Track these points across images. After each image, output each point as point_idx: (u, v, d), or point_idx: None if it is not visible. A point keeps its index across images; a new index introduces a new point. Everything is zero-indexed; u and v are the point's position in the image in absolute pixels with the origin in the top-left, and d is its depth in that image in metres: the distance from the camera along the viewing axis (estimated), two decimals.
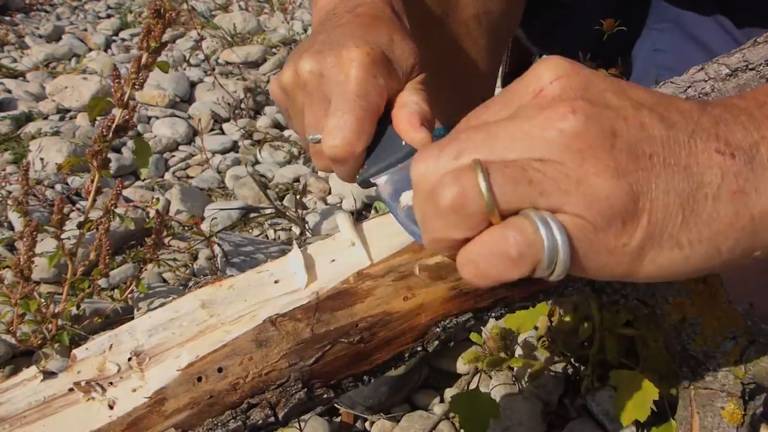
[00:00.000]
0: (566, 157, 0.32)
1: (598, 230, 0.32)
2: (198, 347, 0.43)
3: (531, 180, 0.32)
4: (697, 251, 0.34)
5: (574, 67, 0.35)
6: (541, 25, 1.09)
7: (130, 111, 0.90)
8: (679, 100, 0.35)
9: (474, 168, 0.32)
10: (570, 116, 0.32)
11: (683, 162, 0.33)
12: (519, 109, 0.35)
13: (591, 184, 0.32)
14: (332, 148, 0.48)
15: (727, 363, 0.58)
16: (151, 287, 1.18)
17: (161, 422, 0.41)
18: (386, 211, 0.51)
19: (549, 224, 0.32)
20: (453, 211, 0.33)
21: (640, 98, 0.34)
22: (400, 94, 0.52)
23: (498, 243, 0.32)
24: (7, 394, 0.42)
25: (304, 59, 0.51)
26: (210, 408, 0.42)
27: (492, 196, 0.32)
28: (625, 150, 0.32)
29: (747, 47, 0.51)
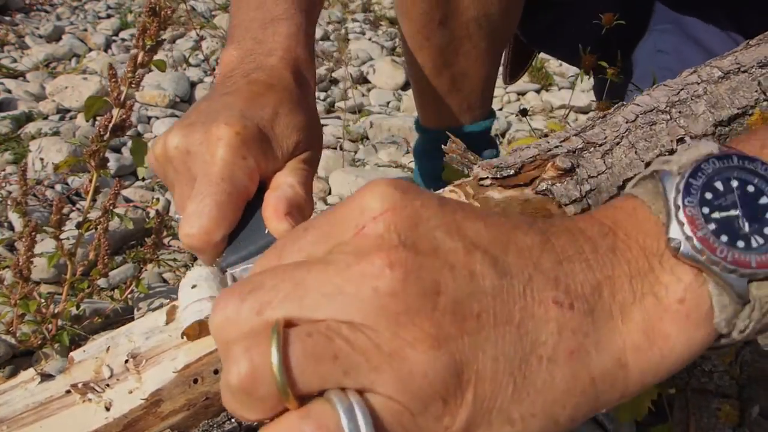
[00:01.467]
0: (381, 323, 0.27)
1: (415, 414, 0.27)
2: (194, 349, 0.43)
3: (336, 355, 0.27)
4: (531, 426, 0.29)
5: (404, 198, 0.29)
6: (540, 25, 1.09)
7: (128, 110, 0.91)
8: (521, 231, 0.31)
9: (270, 336, 0.27)
10: (386, 272, 0.27)
11: (516, 319, 0.28)
12: (336, 250, 0.29)
13: (406, 357, 0.26)
14: (188, 237, 0.44)
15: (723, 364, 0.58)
16: (151, 287, 1.18)
17: (157, 424, 0.41)
18: None
19: (355, 415, 0.26)
20: (241, 392, 0.27)
21: (476, 236, 0.29)
22: (276, 175, 0.49)
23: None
24: (4, 396, 0.43)
25: (173, 133, 0.47)
26: (206, 409, 0.42)
27: (287, 377, 0.26)
28: (449, 311, 0.27)
29: (740, 50, 0.52)
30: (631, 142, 0.50)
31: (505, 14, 0.95)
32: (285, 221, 0.45)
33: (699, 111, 0.49)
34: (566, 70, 2.28)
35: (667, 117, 0.50)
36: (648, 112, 0.51)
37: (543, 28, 1.10)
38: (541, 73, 2.22)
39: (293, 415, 0.27)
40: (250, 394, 0.27)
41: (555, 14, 1.05)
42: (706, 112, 0.50)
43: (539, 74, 2.21)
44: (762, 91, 0.49)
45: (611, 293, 0.30)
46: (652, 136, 0.50)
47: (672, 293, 0.30)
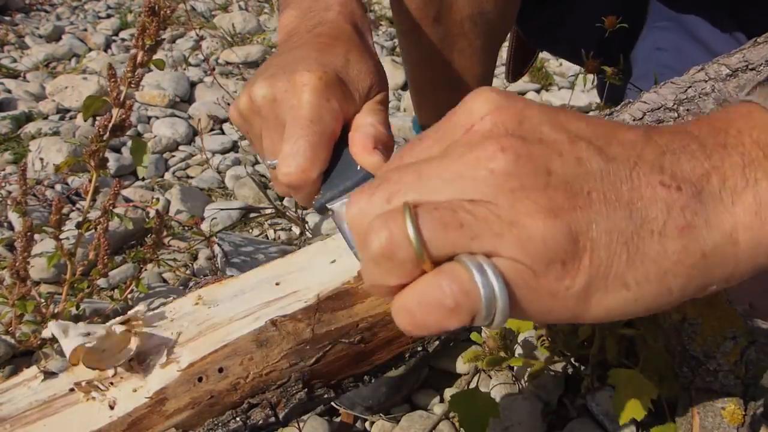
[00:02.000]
0: (499, 198, 0.30)
1: (537, 274, 0.30)
2: (198, 347, 0.43)
3: (462, 223, 0.30)
4: (645, 291, 0.32)
5: (507, 100, 0.33)
6: (540, 23, 1.09)
7: (127, 110, 0.90)
8: (622, 129, 0.33)
9: (402, 212, 0.30)
10: (499, 155, 0.30)
11: (625, 197, 0.31)
12: (450, 147, 0.33)
13: (525, 225, 0.30)
14: (287, 176, 0.47)
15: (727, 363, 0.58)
16: (151, 287, 1.18)
17: (162, 422, 0.41)
18: None
19: (485, 271, 0.30)
20: (383, 258, 0.31)
21: (578, 130, 0.32)
22: (356, 116, 0.52)
23: (432, 292, 0.30)
24: (8, 394, 0.42)
25: (258, 85, 0.51)
26: (210, 408, 0.42)
27: (421, 242, 0.30)
28: (560, 188, 0.30)
29: (747, 47, 0.51)
30: None
31: (501, 12, 0.95)
32: (375, 154, 0.48)
33: (707, 108, 0.49)
34: (566, 70, 2.28)
35: (674, 114, 0.50)
36: (655, 109, 0.50)
37: (542, 26, 1.09)
38: (541, 72, 2.22)
39: (431, 274, 0.31)
40: (391, 259, 0.31)
41: (554, 12, 1.05)
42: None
43: (539, 74, 2.21)
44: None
45: (721, 180, 0.32)
46: None
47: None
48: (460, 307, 0.30)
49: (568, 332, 0.87)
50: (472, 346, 0.98)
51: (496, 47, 1.07)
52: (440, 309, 0.30)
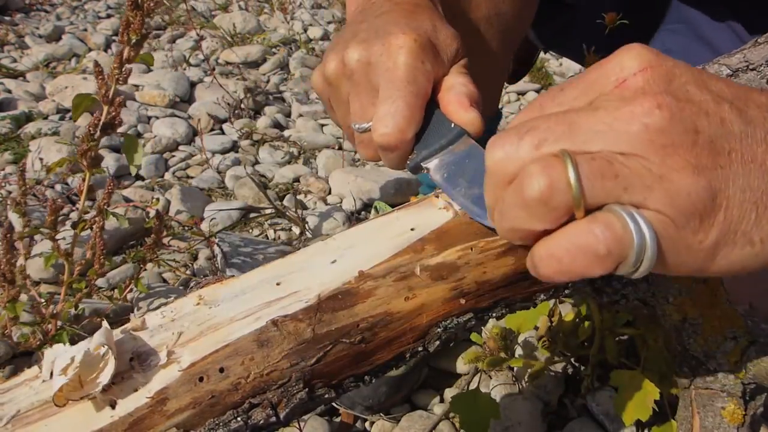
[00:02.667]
0: (650, 152, 0.32)
1: (678, 227, 0.32)
2: (199, 347, 0.43)
3: (617, 174, 0.32)
4: (767, 249, 0.34)
5: (657, 58, 0.35)
6: (553, 25, 1.08)
7: (117, 107, 0.90)
8: (755, 92, 0.35)
9: (563, 159, 0.32)
10: (656, 111, 0.32)
11: (759, 159, 0.33)
12: (600, 99, 0.34)
13: (673, 180, 0.32)
14: (384, 136, 0.48)
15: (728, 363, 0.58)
16: (151, 287, 1.18)
17: (163, 422, 0.41)
18: (387, 211, 0.51)
19: (637, 221, 0.32)
20: (539, 203, 0.32)
21: (721, 91, 0.34)
22: (445, 78, 0.52)
23: (585, 238, 0.32)
24: (8, 394, 0.42)
25: (351, 48, 0.51)
26: (211, 408, 0.42)
27: (580, 189, 0.32)
28: (706, 146, 0.32)
29: (748, 47, 0.51)
30: None
31: (518, 14, 0.95)
32: (472, 110, 0.49)
33: None
34: (566, 70, 2.28)
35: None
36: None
37: (557, 29, 1.09)
38: (541, 73, 2.22)
39: (583, 221, 0.32)
40: (546, 204, 0.32)
41: (569, 16, 1.05)
42: None
43: (539, 74, 2.21)
44: None
45: None
46: None
47: None
48: (610, 254, 0.32)
49: (568, 332, 0.87)
50: (473, 346, 0.98)
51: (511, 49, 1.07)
52: (590, 255, 0.32)
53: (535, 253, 0.34)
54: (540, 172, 0.32)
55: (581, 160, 0.32)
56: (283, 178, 1.61)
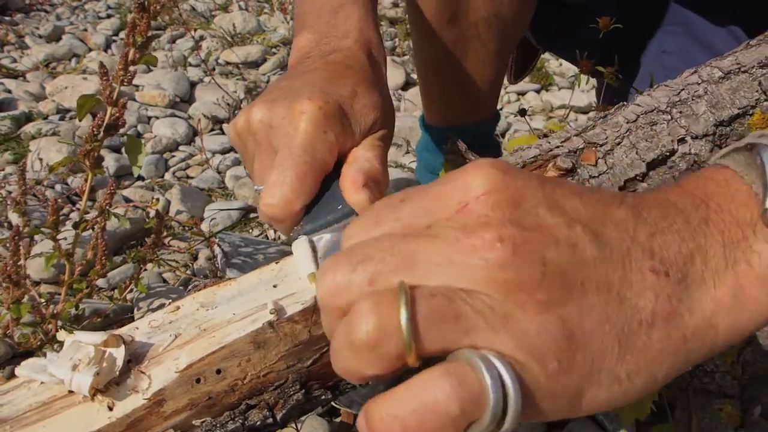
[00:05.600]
0: (492, 290, 0.28)
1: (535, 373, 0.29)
2: (196, 349, 0.43)
3: (458, 314, 0.28)
4: (635, 383, 0.31)
5: (505, 179, 0.31)
6: (551, 27, 1.09)
7: (120, 108, 0.90)
8: (614, 206, 0.33)
9: (398, 296, 0.28)
10: (497, 246, 0.29)
11: (616, 287, 0.30)
12: (439, 226, 0.31)
13: (519, 319, 0.28)
14: (268, 206, 0.46)
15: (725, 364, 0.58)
16: (151, 287, 1.18)
17: (160, 423, 0.41)
18: None
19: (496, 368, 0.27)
20: (367, 348, 0.29)
21: (575, 211, 0.31)
22: (353, 150, 0.50)
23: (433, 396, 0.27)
24: (7, 395, 0.43)
25: (257, 107, 0.49)
26: (208, 409, 0.42)
27: (414, 335, 0.28)
28: (555, 279, 0.29)
29: (740, 50, 0.52)
30: (632, 142, 0.50)
31: (516, 16, 0.95)
32: (363, 192, 0.47)
33: (700, 111, 0.50)
34: (566, 70, 2.28)
35: (668, 117, 0.50)
36: (649, 112, 0.51)
37: (555, 30, 1.09)
38: (541, 73, 2.22)
39: (430, 374, 0.28)
40: (375, 350, 0.29)
41: (567, 17, 1.05)
42: (706, 113, 0.50)
43: (539, 74, 2.21)
44: (763, 91, 0.49)
45: (704, 261, 0.32)
46: (653, 136, 0.50)
47: (765, 261, 0.32)
48: (464, 413, 0.27)
49: None
50: None
51: (509, 51, 1.07)
52: (441, 416, 0.27)
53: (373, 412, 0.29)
54: (369, 313, 0.28)
55: (419, 297, 0.28)
56: None
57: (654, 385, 0.32)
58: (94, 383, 0.41)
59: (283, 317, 0.44)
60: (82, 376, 0.41)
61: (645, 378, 0.31)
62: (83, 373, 0.41)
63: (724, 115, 0.49)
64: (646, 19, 1.03)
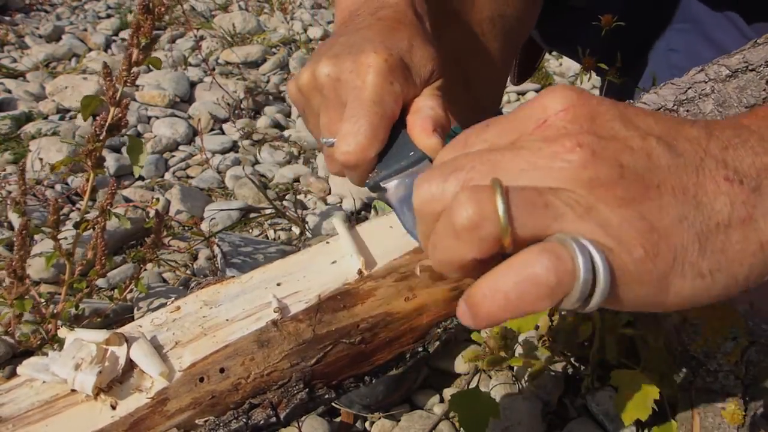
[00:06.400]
0: (576, 186, 0.31)
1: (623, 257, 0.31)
2: (200, 348, 0.43)
3: (547, 204, 0.31)
4: (717, 280, 0.33)
5: (580, 98, 0.34)
6: (557, 26, 1.08)
7: (123, 109, 0.90)
8: (687, 125, 0.35)
9: (494, 188, 0.31)
10: (577, 150, 0.32)
11: (692, 191, 0.32)
12: (522, 139, 0.34)
13: (602, 211, 0.31)
14: (345, 154, 0.48)
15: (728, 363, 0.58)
16: (151, 287, 1.18)
17: (163, 422, 0.41)
18: (387, 211, 0.51)
19: (587, 251, 0.30)
20: (468, 231, 0.31)
21: (648, 127, 0.34)
22: (416, 99, 0.52)
23: (533, 270, 0.30)
24: (10, 394, 0.42)
25: (323, 63, 0.51)
26: (212, 408, 0.42)
27: (509, 218, 0.31)
28: (633, 180, 0.32)
29: (747, 48, 0.52)
30: None
31: (521, 16, 0.95)
32: (434, 136, 0.49)
33: (707, 109, 0.49)
34: (566, 70, 2.28)
35: (674, 115, 0.50)
36: (655, 110, 0.50)
37: (563, 30, 1.09)
38: (541, 73, 2.22)
39: (529, 251, 0.31)
40: (475, 232, 0.31)
41: (573, 16, 1.05)
42: (713, 111, 0.49)
43: (539, 74, 2.21)
44: None
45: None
46: None
47: None
48: (561, 285, 0.30)
49: (568, 332, 0.87)
50: (472, 345, 0.98)
51: (514, 51, 1.07)
52: (540, 288, 0.30)
53: (477, 291, 0.32)
54: (468, 200, 0.31)
55: (512, 188, 0.31)
56: (283, 178, 1.61)
57: (735, 286, 0.34)
58: (98, 382, 0.41)
59: (287, 316, 0.44)
60: (85, 375, 0.41)
61: (727, 277, 0.33)
62: (86, 372, 0.41)
63: (731, 114, 0.49)
64: (653, 17, 1.03)
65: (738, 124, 0.36)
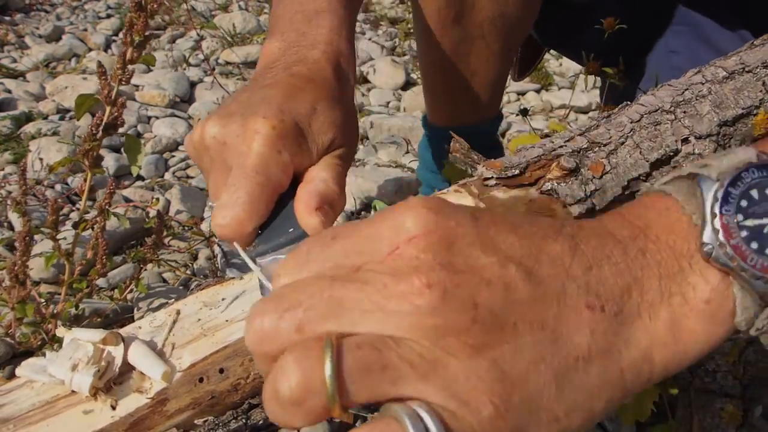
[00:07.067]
0: (421, 336, 0.28)
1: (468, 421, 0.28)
2: (200, 348, 0.43)
3: (385, 365, 0.28)
4: (574, 421, 0.30)
5: (437, 220, 0.30)
6: (556, 26, 1.09)
7: (119, 108, 0.90)
8: (550, 240, 0.32)
9: (324, 353, 0.27)
10: (426, 292, 0.28)
11: (551, 326, 0.29)
12: (369, 270, 0.30)
13: (448, 365, 0.28)
14: (219, 227, 0.45)
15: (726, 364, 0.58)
16: (151, 287, 1.18)
17: (163, 422, 0.41)
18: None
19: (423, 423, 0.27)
20: (292, 404, 0.28)
21: (509, 249, 0.31)
22: (310, 169, 0.49)
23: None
24: (10, 395, 0.43)
25: (212, 122, 0.48)
26: (211, 408, 0.42)
27: (337, 388, 0.27)
28: (487, 322, 0.28)
29: (744, 50, 0.52)
30: (636, 142, 0.50)
31: (521, 16, 0.95)
32: (315, 216, 0.46)
33: (704, 111, 0.50)
34: (566, 70, 2.28)
35: (671, 117, 0.50)
36: (652, 112, 0.51)
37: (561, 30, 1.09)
38: (541, 72, 2.22)
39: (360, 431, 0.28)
40: (300, 405, 0.28)
41: (574, 17, 1.05)
42: (710, 112, 0.50)
43: (539, 74, 2.22)
44: (767, 91, 0.49)
45: (640, 294, 0.32)
46: (657, 136, 0.50)
47: (699, 294, 0.32)
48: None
49: None
50: None
51: (513, 51, 1.07)
52: None
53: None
54: (293, 367, 0.28)
55: (347, 348, 0.28)
56: None
57: (592, 420, 0.31)
58: (94, 383, 0.41)
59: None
60: (82, 376, 0.41)
61: (584, 414, 0.30)
62: (83, 373, 0.41)
63: (728, 115, 0.49)
64: (652, 19, 1.03)
65: (604, 232, 0.33)
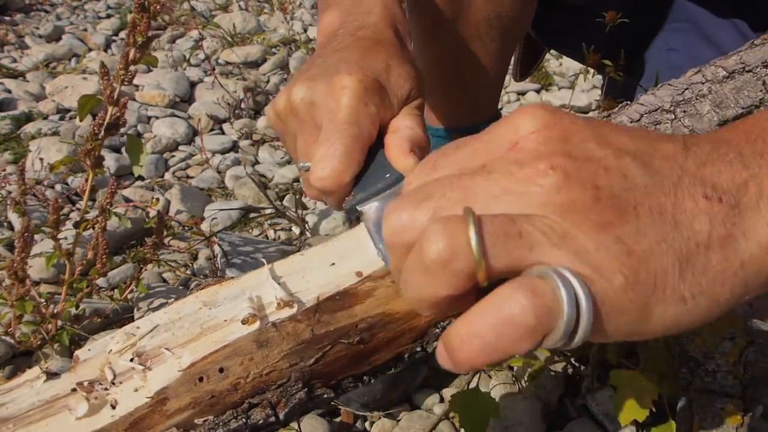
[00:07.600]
0: (550, 211, 0.30)
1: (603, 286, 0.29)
2: (199, 348, 0.43)
3: (521, 232, 0.29)
4: (699, 303, 0.31)
5: (553, 118, 0.33)
6: (556, 25, 1.09)
7: (121, 108, 0.90)
8: (663, 141, 0.34)
9: (466, 219, 0.29)
10: (549, 173, 0.30)
11: (670, 211, 0.31)
12: (494, 163, 0.32)
13: (578, 237, 0.29)
14: (320, 180, 0.47)
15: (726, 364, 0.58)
16: (151, 287, 1.18)
17: (163, 422, 0.41)
18: None
19: (569, 282, 0.28)
20: (439, 266, 0.30)
21: (623, 145, 0.32)
22: (393, 119, 0.52)
23: (510, 309, 0.28)
24: (10, 394, 0.43)
25: (297, 86, 0.51)
26: (211, 408, 0.42)
27: (482, 250, 0.29)
28: (609, 202, 0.30)
29: (744, 49, 0.52)
30: None
31: (517, 16, 0.95)
32: (411, 157, 0.48)
33: (704, 110, 0.50)
34: (566, 69, 2.28)
35: (671, 116, 0.50)
36: (652, 111, 0.51)
37: (560, 29, 1.09)
38: (541, 72, 2.22)
39: (505, 288, 0.29)
40: (447, 267, 0.30)
41: (571, 15, 1.05)
42: (710, 112, 0.50)
43: (539, 74, 2.21)
44: (767, 91, 0.49)
45: (758, 189, 0.32)
46: None
47: None
48: (541, 324, 0.28)
49: None
50: None
51: (510, 51, 1.07)
52: (518, 329, 0.28)
53: (452, 335, 0.30)
54: (438, 233, 0.30)
55: (486, 218, 0.30)
56: (283, 178, 1.61)
57: (717, 308, 0.32)
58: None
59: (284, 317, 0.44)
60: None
61: (709, 299, 0.31)
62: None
63: (728, 115, 0.49)
64: (651, 16, 1.03)
65: (718, 138, 0.35)
